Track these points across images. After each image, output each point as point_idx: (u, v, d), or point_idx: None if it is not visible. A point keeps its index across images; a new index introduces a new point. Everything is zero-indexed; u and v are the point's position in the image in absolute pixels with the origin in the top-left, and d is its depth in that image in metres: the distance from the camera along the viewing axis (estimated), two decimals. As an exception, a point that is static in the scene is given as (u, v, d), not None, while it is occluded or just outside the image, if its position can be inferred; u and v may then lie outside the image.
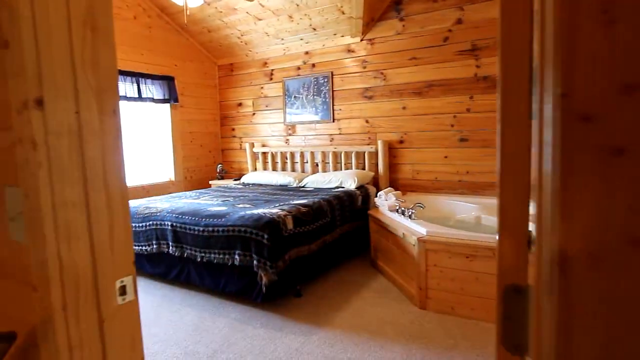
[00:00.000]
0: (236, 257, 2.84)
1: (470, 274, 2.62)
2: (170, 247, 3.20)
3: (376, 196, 4.04)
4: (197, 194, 4.13)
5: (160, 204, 3.54)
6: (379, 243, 3.57)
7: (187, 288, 3.29)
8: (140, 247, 3.43)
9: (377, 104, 4.49)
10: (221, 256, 2.92)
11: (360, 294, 3.08)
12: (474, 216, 3.74)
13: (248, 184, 4.93)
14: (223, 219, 2.95)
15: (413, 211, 3.12)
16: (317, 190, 4.19)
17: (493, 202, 3.78)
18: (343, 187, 4.22)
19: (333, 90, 4.78)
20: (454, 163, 4.11)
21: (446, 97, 4.08)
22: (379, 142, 4.34)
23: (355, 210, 3.93)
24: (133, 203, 3.63)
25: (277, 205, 3.31)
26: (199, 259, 3.04)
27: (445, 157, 4.14)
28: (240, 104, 5.62)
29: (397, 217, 3.25)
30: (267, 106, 5.37)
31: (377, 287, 3.22)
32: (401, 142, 4.39)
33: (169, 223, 3.20)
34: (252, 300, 2.85)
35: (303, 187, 4.50)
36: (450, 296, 2.70)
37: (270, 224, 2.78)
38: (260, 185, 4.83)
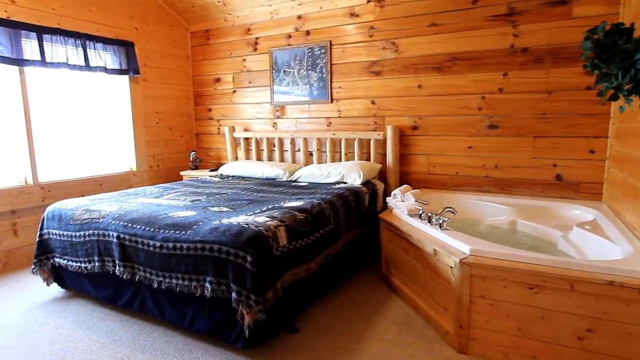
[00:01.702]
0: (207, 285, 2.03)
1: (533, 310, 1.88)
2: (117, 267, 2.35)
3: (389, 195, 3.27)
4: (161, 191, 3.27)
5: (106, 205, 2.67)
6: (394, 256, 2.80)
7: (142, 319, 2.46)
8: (78, 264, 2.57)
9: (386, 81, 3.69)
10: (186, 283, 2.10)
11: (375, 328, 2.32)
12: (507, 220, 3.02)
13: (227, 176, 4.08)
14: (189, 232, 2.12)
15: (445, 219, 2.35)
16: (314, 186, 3.39)
17: (530, 203, 3.06)
18: (345, 183, 3.43)
19: (331, 64, 3.95)
20: (479, 155, 3.35)
21: (473, 73, 3.30)
22: (388, 128, 3.55)
23: (362, 212, 3.15)
24: (69, 204, 2.74)
25: (264, 209, 2.49)
26: (155, 285, 2.22)
27: (470, 147, 3.39)
28: (217, 80, 4.72)
29: (422, 226, 2.48)
30: (250, 83, 4.49)
31: (395, 316, 2.46)
32: (415, 128, 3.60)
33: (115, 234, 2.35)
34: (231, 344, 2.05)
35: (295, 181, 3.69)
36: (504, 339, 1.97)
37: (255, 241, 1.97)
38: (242, 178, 3.99)
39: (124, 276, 2.33)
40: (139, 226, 2.29)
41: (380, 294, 2.78)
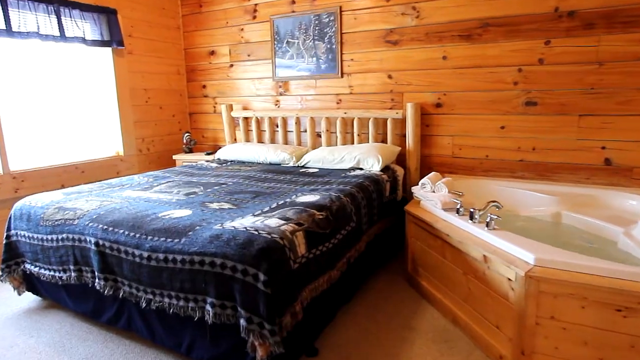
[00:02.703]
0: (208, 308, 1.62)
1: (621, 337, 1.51)
2: (97, 279, 1.94)
3: (408, 182, 2.86)
4: (150, 181, 2.83)
5: (83, 202, 2.23)
6: (424, 256, 2.42)
7: (130, 338, 2.07)
8: (51, 273, 2.16)
9: (405, 52, 3.21)
10: (181, 303, 1.70)
11: (410, 347, 1.95)
12: (549, 212, 2.63)
13: (225, 161, 3.64)
14: (183, 239, 1.70)
15: (493, 217, 1.95)
16: (325, 173, 2.96)
17: (574, 191, 2.67)
18: (361, 169, 3.01)
19: (341, 33, 3.46)
20: (514, 135, 2.93)
21: (509, 41, 2.84)
22: (409, 106, 3.10)
23: (383, 203, 2.74)
24: (39, 200, 2.30)
25: (274, 207, 2.07)
26: (143, 304, 1.81)
27: (502, 127, 2.96)
28: (212, 53, 4.21)
29: (462, 224, 2.08)
30: (249, 55, 3.99)
31: (431, 330, 2.10)
32: (438, 105, 3.16)
33: (92, 240, 1.93)
34: (238, 376, 1.67)
35: (303, 167, 3.26)
36: (575, 369, 1.60)
37: (268, 254, 1.56)
38: (243, 163, 3.55)
39: (105, 291, 1.92)
40: (121, 230, 1.87)
41: (408, 300, 2.41)
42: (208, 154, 4.10)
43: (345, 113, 3.43)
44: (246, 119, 4.04)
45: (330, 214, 2.01)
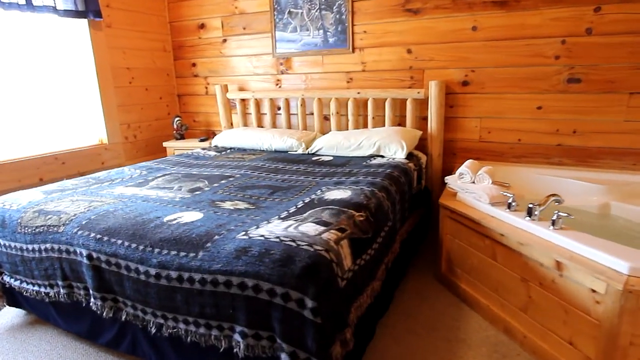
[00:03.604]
0: (237, 337, 1.30)
1: None
2: (92, 298, 1.59)
3: (429, 169, 2.57)
4: (144, 173, 2.45)
5: (68, 202, 1.85)
6: (465, 257, 2.14)
7: (135, 365, 1.74)
8: (35, 287, 1.80)
9: (428, 22, 2.87)
10: (202, 330, 1.37)
11: (464, 367, 1.68)
12: (596, 203, 2.37)
13: (224, 149, 3.27)
14: (201, 253, 1.36)
15: (561, 214, 1.66)
16: (343, 161, 2.63)
17: (623, 179, 2.42)
18: (382, 156, 2.70)
19: (353, 1, 3.07)
20: (552, 117, 2.65)
21: (551, 8, 2.52)
22: (432, 84, 2.78)
23: (412, 196, 2.44)
24: (15, 200, 1.91)
25: (301, 206, 1.74)
26: (152, 329, 1.48)
27: (539, 107, 2.67)
28: (202, 26, 3.77)
29: (523, 223, 1.79)
30: (245, 29, 3.57)
31: (484, 343, 1.83)
32: (465, 84, 2.84)
33: (84, 252, 1.56)
34: (274, 416, 1.37)
35: (314, 154, 2.92)
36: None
37: (316, 273, 1.23)
38: (244, 151, 3.19)
39: (104, 313, 1.58)
40: (119, 241, 1.51)
41: (446, 306, 2.14)
42: (202, 140, 3.71)
43: (358, 93, 3.08)
44: (243, 100, 3.64)
45: (370, 214, 1.70)
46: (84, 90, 3.22)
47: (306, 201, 1.80)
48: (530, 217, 1.79)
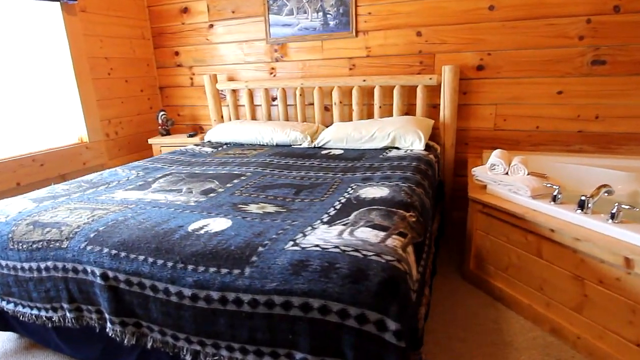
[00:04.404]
0: (301, 369, 1.11)
1: None
2: (109, 323, 1.35)
3: (451, 163, 2.43)
4: (140, 175, 2.18)
5: (65, 211, 1.57)
6: (501, 254, 2.01)
7: (157, 398, 1.51)
8: (34, 312, 1.52)
9: (439, 1, 2.70)
10: (250, 358, 1.17)
11: (523, 374, 1.56)
12: (625, 191, 2.30)
13: (220, 145, 3.01)
14: (248, 269, 1.15)
15: (624, 206, 1.55)
16: (357, 155, 2.45)
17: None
18: (398, 148, 2.54)
19: (356, -18, 2.88)
20: (573, 102, 2.56)
21: (569, -13, 2.42)
22: (446, 69, 2.63)
23: (435, 189, 2.30)
24: (2, 211, 1.62)
25: (339, 207, 1.55)
26: (187, 356, 1.26)
27: (560, 92, 2.58)
28: (185, 10, 3.46)
29: (577, 218, 1.67)
30: (234, 12, 3.30)
31: (533, 346, 1.72)
32: (480, 68, 2.71)
33: (97, 271, 1.31)
34: None
35: (322, 147, 2.72)
36: None
37: (395, 288, 1.05)
38: (242, 146, 2.94)
39: (125, 340, 1.34)
40: (141, 257, 1.27)
41: (482, 307, 2.01)
42: (191, 135, 3.43)
43: (364, 81, 2.89)
44: (234, 91, 3.38)
45: (419, 214, 1.53)
46: (60, 83, 2.87)
47: (342, 201, 1.61)
48: (582, 210, 1.68)
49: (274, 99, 3.30)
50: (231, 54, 3.41)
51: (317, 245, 1.20)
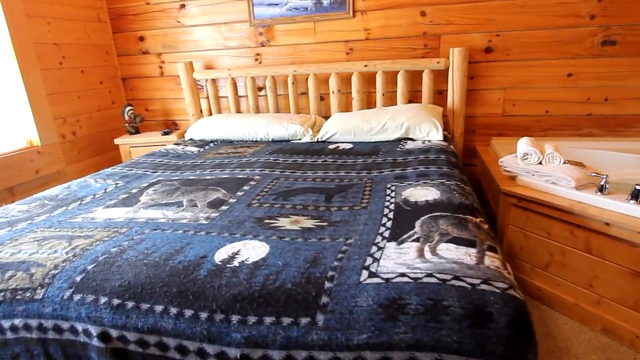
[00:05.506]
0: None
1: None
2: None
3: (460, 152, 2.24)
4: (120, 185, 1.78)
5: (33, 246, 1.18)
6: (539, 250, 1.84)
7: None
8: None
9: (443, -20, 2.48)
10: None
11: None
12: (638, 175, 2.22)
13: (205, 143, 2.63)
14: (320, 317, 0.85)
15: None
16: (370, 148, 2.19)
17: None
18: (413, 139, 2.30)
19: (351, -44, 2.58)
20: (583, 84, 2.44)
21: (582, -37, 2.27)
22: (455, 52, 2.42)
23: (461, 183, 2.08)
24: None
25: (391, 216, 1.28)
26: None
27: (569, 74, 2.44)
28: (150, -11, 3.01)
29: (637, 211, 1.51)
30: (209, -9, 2.90)
31: (589, 349, 1.57)
32: (488, 50, 2.52)
33: (94, 330, 0.96)
34: None
35: (327, 141, 2.43)
36: None
37: (525, 327, 0.80)
38: (232, 143, 2.59)
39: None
40: (159, 306, 0.94)
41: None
42: (165, 133, 3.00)
43: (365, 66, 2.62)
44: (214, 81, 2.99)
45: (483, 218, 1.29)
46: None
47: (391, 207, 1.34)
48: (636, 200, 1.52)
49: (260, 88, 2.95)
50: (208, 39, 3.01)
51: (403, 275, 0.92)
